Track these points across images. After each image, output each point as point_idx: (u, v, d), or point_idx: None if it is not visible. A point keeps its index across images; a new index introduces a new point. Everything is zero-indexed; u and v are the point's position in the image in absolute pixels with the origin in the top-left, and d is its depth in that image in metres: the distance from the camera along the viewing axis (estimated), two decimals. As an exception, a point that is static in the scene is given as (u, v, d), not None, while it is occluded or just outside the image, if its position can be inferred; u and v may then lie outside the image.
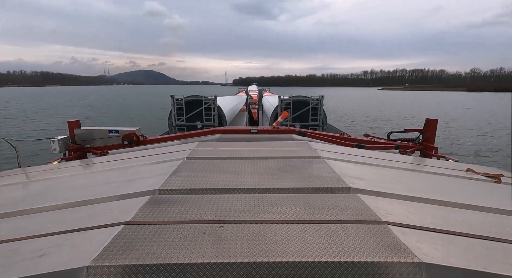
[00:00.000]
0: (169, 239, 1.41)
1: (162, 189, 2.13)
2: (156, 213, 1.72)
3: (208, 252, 1.30)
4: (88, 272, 1.18)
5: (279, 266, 1.24)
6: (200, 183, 2.26)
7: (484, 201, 2.19)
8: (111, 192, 2.17)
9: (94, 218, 1.74)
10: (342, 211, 1.75)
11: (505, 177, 3.03)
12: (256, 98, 25.92)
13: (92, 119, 33.90)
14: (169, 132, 10.60)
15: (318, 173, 2.53)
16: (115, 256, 1.26)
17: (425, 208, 1.95)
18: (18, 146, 4.00)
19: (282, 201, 1.92)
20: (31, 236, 1.55)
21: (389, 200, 2.05)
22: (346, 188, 2.16)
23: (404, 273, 1.22)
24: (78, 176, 3.01)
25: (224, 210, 1.78)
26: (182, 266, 1.22)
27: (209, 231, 1.50)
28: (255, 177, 2.42)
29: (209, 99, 10.59)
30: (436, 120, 5.14)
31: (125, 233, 1.47)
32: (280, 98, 11.11)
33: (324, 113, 11.17)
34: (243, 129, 5.42)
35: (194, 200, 1.94)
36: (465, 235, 1.56)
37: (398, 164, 3.36)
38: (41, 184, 2.76)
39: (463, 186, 2.70)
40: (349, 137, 5.18)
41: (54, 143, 4.54)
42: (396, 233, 1.47)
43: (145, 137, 4.98)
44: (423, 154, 5.11)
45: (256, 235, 1.46)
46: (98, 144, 4.94)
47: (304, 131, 5.12)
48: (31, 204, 2.10)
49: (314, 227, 1.55)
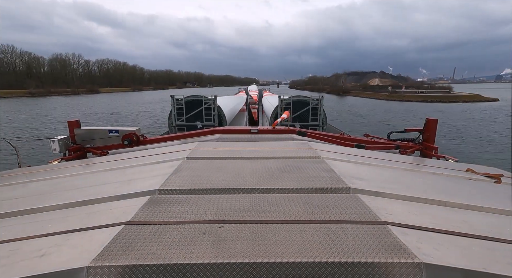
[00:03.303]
0: (169, 239, 1.41)
1: (162, 189, 2.13)
2: (156, 213, 1.72)
3: (208, 252, 1.30)
4: (88, 272, 1.18)
5: (279, 266, 1.24)
6: (200, 183, 2.26)
7: (484, 201, 2.18)
8: (111, 192, 2.17)
9: (94, 218, 1.74)
10: (342, 211, 1.75)
11: (505, 177, 3.03)
12: (256, 98, 25.93)
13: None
14: (169, 132, 10.60)
15: (318, 173, 2.53)
16: (115, 256, 1.26)
17: (425, 208, 1.95)
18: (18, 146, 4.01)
19: (282, 201, 1.92)
20: (31, 236, 1.54)
21: (389, 200, 2.05)
22: (346, 188, 2.16)
23: (404, 273, 1.22)
24: (78, 176, 3.01)
25: (224, 210, 1.78)
26: (182, 266, 1.22)
27: (209, 231, 1.50)
28: (255, 177, 2.42)
29: (209, 99, 10.60)
30: (436, 120, 5.13)
31: (125, 233, 1.47)
32: (280, 98, 11.12)
33: (324, 113, 11.19)
34: (243, 129, 5.42)
35: (194, 200, 1.94)
36: (465, 235, 1.56)
37: (398, 164, 3.36)
38: (41, 184, 2.77)
39: (463, 186, 2.69)
40: (349, 137, 5.18)
41: (54, 143, 4.54)
42: (396, 233, 1.47)
43: (145, 137, 4.98)
44: (423, 154, 5.10)
45: (256, 236, 1.46)
46: (98, 144, 4.94)
47: (304, 131, 5.12)
48: (31, 204, 2.10)
49: (314, 227, 1.55)
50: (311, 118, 10.95)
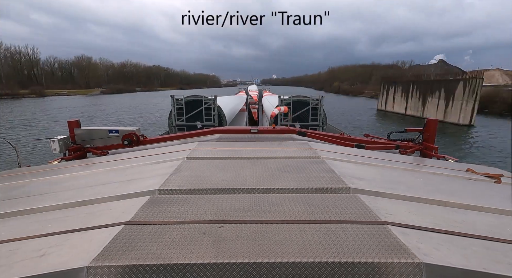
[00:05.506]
0: (169, 239, 1.41)
1: (162, 189, 2.13)
2: (156, 213, 1.72)
3: (208, 252, 1.30)
4: (88, 272, 1.18)
5: (279, 266, 1.24)
6: (200, 183, 2.26)
7: (484, 201, 2.18)
8: (111, 192, 2.17)
9: (94, 218, 1.74)
10: (342, 211, 1.75)
11: (505, 177, 3.03)
12: (256, 98, 25.96)
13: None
14: (169, 132, 10.61)
15: (318, 173, 2.53)
16: (115, 256, 1.26)
17: (425, 208, 1.95)
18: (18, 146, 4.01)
19: (282, 201, 1.92)
20: (31, 236, 1.54)
21: (389, 200, 2.05)
22: (346, 188, 2.16)
23: (404, 273, 1.22)
24: (78, 176, 3.01)
25: (224, 210, 1.78)
26: (182, 266, 1.22)
27: (209, 231, 1.50)
28: (255, 177, 2.42)
29: (209, 99, 10.61)
30: (436, 120, 5.14)
31: (125, 233, 1.47)
32: (280, 98, 11.13)
33: (324, 113, 11.20)
34: (243, 129, 5.43)
35: (194, 200, 1.94)
36: (465, 235, 1.56)
37: (398, 164, 3.36)
38: (41, 184, 2.77)
39: (463, 186, 2.70)
40: (349, 137, 5.18)
41: (54, 143, 4.54)
42: (396, 233, 1.47)
43: (145, 137, 4.99)
44: (423, 154, 5.10)
45: (256, 235, 1.46)
46: (98, 144, 4.95)
47: (304, 131, 5.12)
48: (31, 204, 2.10)
49: (314, 227, 1.55)
50: (311, 118, 10.95)
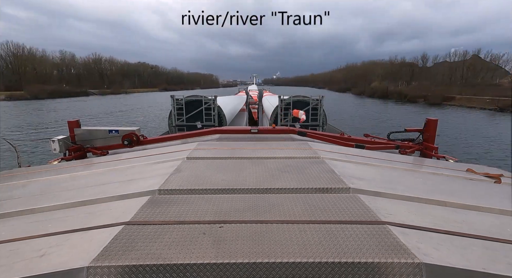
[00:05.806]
0: (169, 239, 1.41)
1: (162, 189, 2.13)
2: (156, 213, 1.72)
3: (208, 253, 1.30)
4: (88, 272, 1.18)
5: (279, 266, 1.24)
6: (200, 183, 2.26)
7: (484, 201, 2.18)
8: (111, 192, 2.17)
9: (94, 218, 1.74)
10: (342, 211, 1.75)
11: (505, 177, 3.03)
12: (256, 98, 25.94)
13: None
14: (169, 132, 10.61)
15: (318, 173, 2.53)
16: (115, 256, 1.26)
17: (425, 208, 1.95)
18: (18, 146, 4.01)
19: (282, 201, 1.92)
20: (31, 236, 1.54)
21: (389, 200, 2.05)
22: (346, 188, 2.16)
23: (404, 273, 1.22)
24: (78, 176, 3.01)
25: (224, 210, 1.78)
26: (182, 267, 1.22)
27: (209, 231, 1.50)
28: (255, 177, 2.42)
29: (209, 99, 10.60)
30: (436, 120, 5.14)
31: (125, 233, 1.47)
32: (280, 98, 11.12)
33: (324, 113, 11.19)
34: (243, 129, 5.43)
35: (194, 200, 1.94)
36: (465, 235, 1.56)
37: (398, 164, 3.36)
38: (41, 184, 2.77)
39: (463, 186, 2.70)
40: (349, 137, 5.18)
41: (54, 143, 4.54)
42: (396, 233, 1.47)
43: (145, 137, 4.99)
44: (423, 154, 5.10)
45: (256, 236, 1.46)
46: (98, 144, 4.95)
47: (304, 131, 5.12)
48: (31, 204, 2.10)
49: (314, 227, 1.55)
50: (311, 118, 10.94)
